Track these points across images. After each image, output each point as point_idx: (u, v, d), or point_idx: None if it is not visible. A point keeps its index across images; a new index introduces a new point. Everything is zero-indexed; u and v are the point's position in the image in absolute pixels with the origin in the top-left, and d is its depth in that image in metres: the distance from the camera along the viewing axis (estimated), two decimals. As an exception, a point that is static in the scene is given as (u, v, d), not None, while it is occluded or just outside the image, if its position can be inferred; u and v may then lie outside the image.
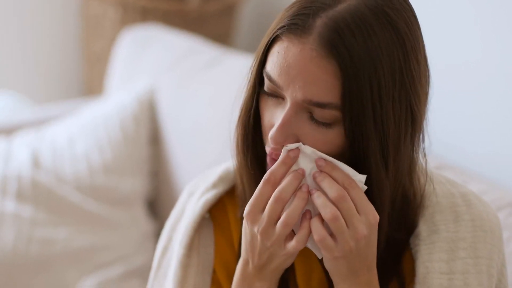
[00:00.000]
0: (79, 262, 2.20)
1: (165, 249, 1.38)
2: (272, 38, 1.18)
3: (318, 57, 1.13)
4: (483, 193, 1.70)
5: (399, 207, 1.24)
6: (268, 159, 1.20)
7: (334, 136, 1.16)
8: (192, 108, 2.30)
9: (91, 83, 3.49)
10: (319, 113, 1.16)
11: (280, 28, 1.16)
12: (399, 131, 1.17)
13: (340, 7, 1.15)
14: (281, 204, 1.16)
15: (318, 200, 1.16)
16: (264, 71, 1.19)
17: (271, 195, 1.17)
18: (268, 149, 1.20)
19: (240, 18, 3.54)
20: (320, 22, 1.14)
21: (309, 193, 1.17)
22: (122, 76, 2.61)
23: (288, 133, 1.17)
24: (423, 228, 1.25)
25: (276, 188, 1.17)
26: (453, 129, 2.11)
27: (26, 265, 2.15)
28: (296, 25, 1.15)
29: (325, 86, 1.14)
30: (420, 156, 1.24)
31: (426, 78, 1.20)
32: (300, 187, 1.17)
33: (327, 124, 1.16)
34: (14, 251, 2.15)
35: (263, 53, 1.19)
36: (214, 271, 1.33)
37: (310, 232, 1.16)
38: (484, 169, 1.98)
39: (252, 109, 1.23)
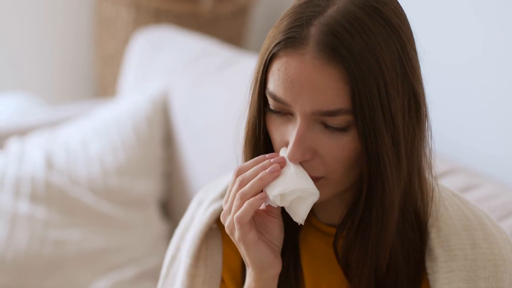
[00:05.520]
0: (92, 264, 2.21)
1: (174, 258, 1.37)
2: (269, 57, 1.16)
3: (321, 65, 1.12)
4: (496, 196, 1.69)
5: (411, 211, 1.23)
6: None
7: (350, 139, 1.16)
8: (205, 109, 2.31)
9: (104, 84, 3.50)
10: (331, 120, 1.15)
11: (276, 45, 1.15)
12: (407, 122, 1.17)
13: (330, 11, 1.14)
14: (243, 202, 1.20)
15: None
16: (267, 91, 1.18)
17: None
18: None
19: (252, 19, 3.55)
20: (315, 30, 1.13)
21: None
22: (135, 78, 2.62)
23: (304, 148, 1.16)
24: (439, 251, 1.23)
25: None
26: (465, 130, 2.11)
27: (39, 266, 2.16)
28: (291, 38, 1.14)
29: (332, 92, 1.13)
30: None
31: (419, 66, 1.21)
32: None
33: (341, 129, 1.15)
34: (27, 252, 2.15)
35: (262, 73, 1.18)
36: (222, 281, 1.33)
37: (248, 207, 1.18)
38: (497, 171, 1.98)
39: (259, 130, 1.22)
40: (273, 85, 1.16)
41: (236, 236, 1.20)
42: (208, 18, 3.27)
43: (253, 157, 1.24)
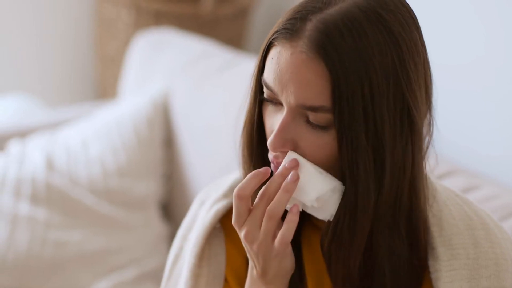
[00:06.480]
0: (93, 265, 2.21)
1: (176, 258, 1.37)
2: (267, 45, 1.18)
3: (308, 60, 1.14)
4: (496, 197, 1.69)
5: (406, 227, 1.22)
6: (272, 166, 1.21)
7: (331, 139, 1.16)
8: (206, 111, 2.31)
9: (105, 86, 3.50)
10: (313, 116, 1.15)
11: (273, 34, 1.17)
12: (395, 136, 1.15)
13: (331, 10, 1.15)
14: (275, 221, 1.17)
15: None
16: (262, 78, 1.20)
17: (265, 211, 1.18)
18: (270, 156, 1.21)
19: (252, 21, 3.55)
20: (310, 25, 1.14)
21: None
22: (136, 79, 2.62)
23: (286, 139, 1.17)
24: (441, 250, 1.23)
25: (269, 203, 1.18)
26: (465, 130, 2.11)
27: (40, 268, 2.16)
28: (287, 30, 1.15)
29: (316, 89, 1.14)
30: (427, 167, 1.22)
31: (425, 80, 1.18)
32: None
33: (322, 127, 1.16)
34: (28, 254, 2.16)
35: (261, 60, 1.20)
36: (225, 280, 1.33)
37: (292, 225, 1.17)
38: (497, 172, 1.98)
39: (255, 117, 1.23)
40: (267, 73, 1.18)
41: (273, 254, 1.18)
42: (208, 20, 3.27)
43: (248, 143, 1.25)
